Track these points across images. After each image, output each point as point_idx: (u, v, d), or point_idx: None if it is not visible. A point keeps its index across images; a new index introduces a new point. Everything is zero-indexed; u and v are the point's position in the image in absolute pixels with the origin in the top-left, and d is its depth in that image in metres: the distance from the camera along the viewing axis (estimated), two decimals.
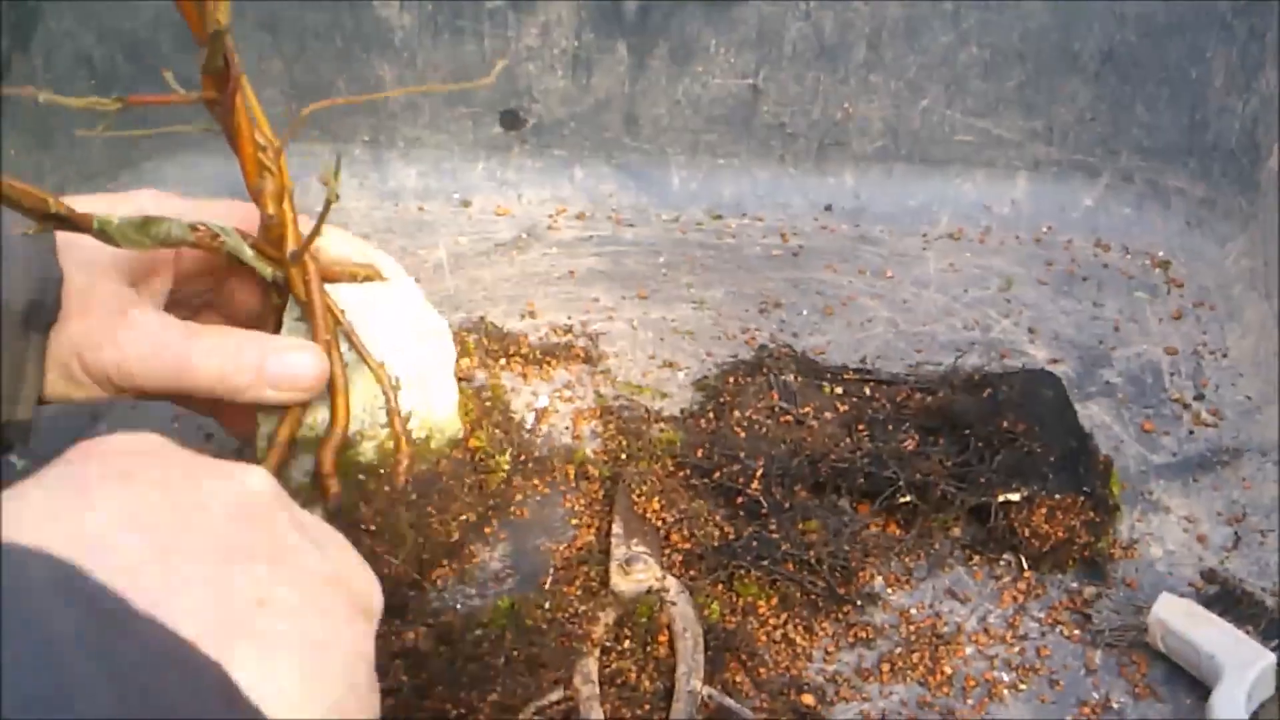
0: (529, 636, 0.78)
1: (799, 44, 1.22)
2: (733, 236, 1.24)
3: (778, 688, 0.79)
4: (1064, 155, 1.25)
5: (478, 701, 0.73)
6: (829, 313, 1.13)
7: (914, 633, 0.84)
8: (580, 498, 0.92)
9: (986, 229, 1.25)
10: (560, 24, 1.21)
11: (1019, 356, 1.08)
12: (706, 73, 1.23)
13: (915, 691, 0.80)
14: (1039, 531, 0.87)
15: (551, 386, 1.03)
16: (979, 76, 1.22)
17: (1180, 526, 0.92)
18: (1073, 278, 1.18)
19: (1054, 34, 1.20)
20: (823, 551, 0.85)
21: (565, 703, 0.75)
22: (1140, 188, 1.24)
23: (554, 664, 0.76)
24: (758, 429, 0.93)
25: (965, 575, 0.88)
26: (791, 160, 1.27)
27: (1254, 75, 1.15)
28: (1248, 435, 1.00)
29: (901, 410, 0.96)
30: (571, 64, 1.23)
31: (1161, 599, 0.83)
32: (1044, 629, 0.85)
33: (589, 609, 0.82)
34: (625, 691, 0.77)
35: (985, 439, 0.90)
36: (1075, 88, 1.22)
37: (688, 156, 1.28)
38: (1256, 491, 0.95)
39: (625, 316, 1.11)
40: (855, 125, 1.25)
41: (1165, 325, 1.12)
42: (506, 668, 0.75)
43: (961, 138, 1.25)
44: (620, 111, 1.25)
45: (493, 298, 1.13)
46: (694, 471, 0.92)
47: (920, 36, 1.21)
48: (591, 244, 1.21)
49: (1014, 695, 0.80)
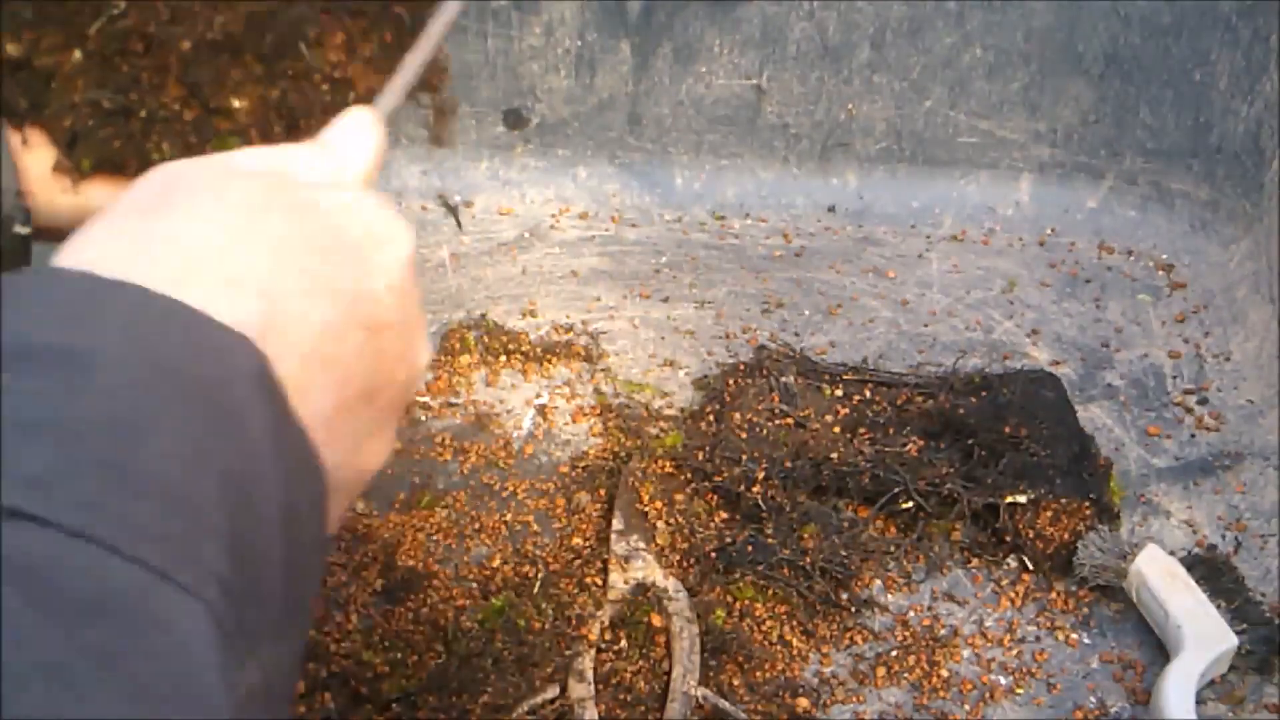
0: (520, 636, 0.78)
1: (803, 44, 1.22)
2: (735, 237, 1.23)
3: (773, 690, 0.79)
4: (1068, 157, 1.25)
5: (469, 702, 0.73)
6: (831, 313, 1.12)
7: (911, 636, 0.84)
8: (579, 494, 0.92)
9: (990, 230, 1.24)
10: (564, 24, 1.21)
11: (1021, 358, 1.07)
12: (710, 73, 1.23)
13: (911, 695, 0.80)
14: (1043, 534, 0.87)
15: (552, 384, 1.03)
16: (983, 78, 1.22)
17: (1181, 530, 0.92)
18: (1076, 280, 1.18)
19: (1058, 35, 1.19)
20: (818, 556, 0.85)
21: (559, 702, 0.75)
22: (1144, 190, 1.24)
23: (545, 663, 0.76)
24: (759, 431, 0.93)
25: (964, 578, 0.88)
26: (795, 161, 1.27)
27: (1258, 78, 1.14)
28: (1250, 439, 1.00)
29: (903, 413, 0.96)
30: (575, 64, 1.23)
31: (1147, 550, 0.83)
32: (1041, 633, 0.85)
33: (585, 608, 0.82)
34: (620, 692, 0.77)
35: (988, 444, 0.90)
36: (1079, 89, 1.22)
37: (691, 156, 1.27)
38: (1258, 496, 0.95)
39: (627, 315, 1.11)
40: (859, 126, 1.25)
41: (1168, 328, 1.12)
42: (496, 668, 0.75)
43: (965, 139, 1.25)
44: (623, 111, 1.25)
45: (495, 296, 1.13)
46: (694, 474, 0.92)
47: (924, 37, 1.21)
48: (594, 243, 1.21)
49: (1010, 699, 0.80)
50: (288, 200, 0.42)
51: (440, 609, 0.82)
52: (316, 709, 0.74)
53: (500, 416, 0.99)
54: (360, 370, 0.42)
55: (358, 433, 0.43)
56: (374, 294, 0.42)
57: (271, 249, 0.40)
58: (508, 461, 0.95)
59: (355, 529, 0.88)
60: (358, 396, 0.42)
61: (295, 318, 0.39)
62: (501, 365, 1.04)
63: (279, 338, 0.38)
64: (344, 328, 0.41)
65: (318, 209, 0.43)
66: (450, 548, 0.88)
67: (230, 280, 0.38)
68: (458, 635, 0.79)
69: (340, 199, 0.44)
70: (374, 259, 0.43)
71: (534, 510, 0.91)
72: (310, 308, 0.40)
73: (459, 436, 0.97)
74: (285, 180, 0.44)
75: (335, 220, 0.43)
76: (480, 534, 0.89)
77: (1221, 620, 0.80)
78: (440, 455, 0.96)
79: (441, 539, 0.89)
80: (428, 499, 0.91)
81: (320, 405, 0.39)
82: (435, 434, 0.97)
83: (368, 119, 0.50)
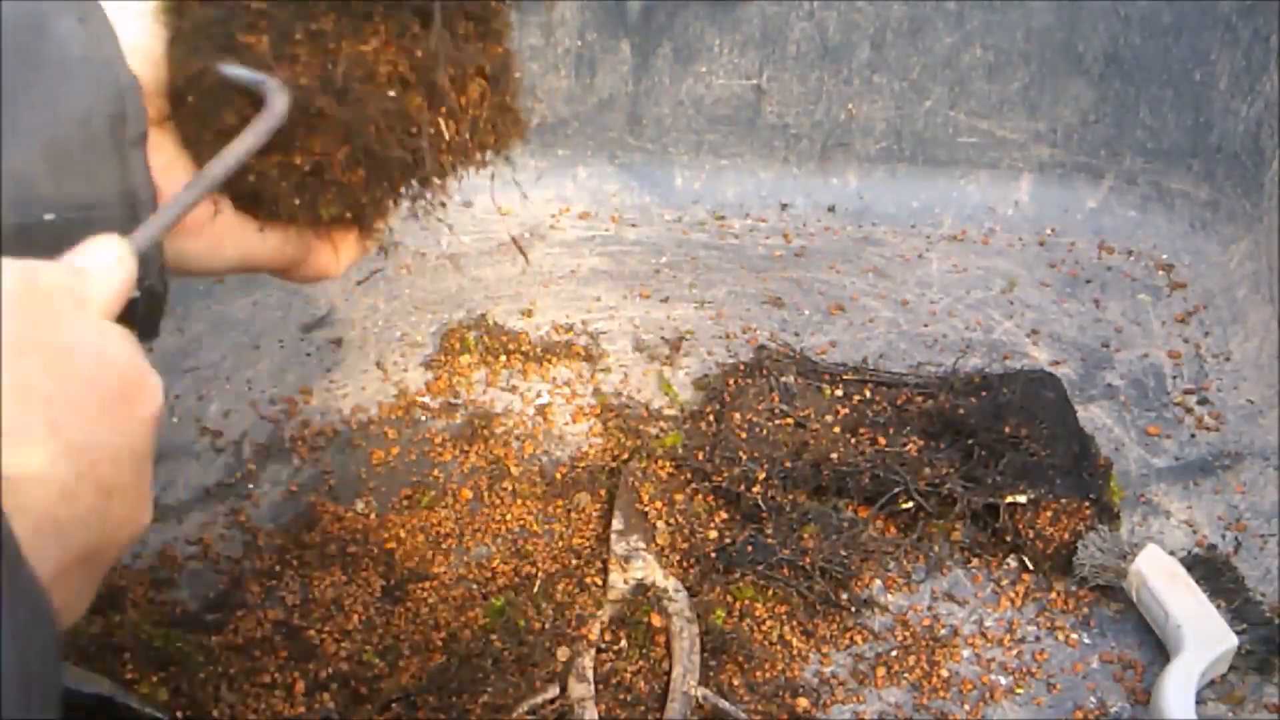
0: (520, 636, 0.78)
1: (802, 44, 1.22)
2: (735, 237, 1.23)
3: (773, 690, 0.79)
4: (1068, 157, 1.25)
5: (469, 702, 0.73)
6: (831, 313, 1.12)
7: (911, 636, 0.84)
8: (579, 495, 0.92)
9: (990, 230, 1.24)
10: (564, 24, 1.21)
11: (1021, 358, 1.07)
12: (710, 73, 1.23)
13: (911, 695, 0.80)
14: (1043, 534, 0.87)
15: (552, 384, 1.03)
16: (983, 77, 1.22)
17: (1181, 530, 0.92)
18: (1076, 280, 1.18)
19: (1058, 35, 1.19)
20: (818, 556, 0.85)
21: (559, 702, 0.75)
22: (1144, 190, 1.24)
23: (545, 663, 0.76)
24: (759, 431, 0.93)
25: (964, 578, 0.88)
26: (795, 161, 1.27)
27: (1258, 78, 1.14)
28: (1250, 439, 1.00)
29: (903, 413, 0.96)
30: (575, 64, 1.23)
31: (1147, 550, 0.83)
32: (1041, 633, 0.85)
33: (585, 608, 0.82)
34: (620, 692, 0.77)
35: (988, 444, 0.90)
36: (1079, 89, 1.22)
37: (691, 156, 1.27)
38: (1258, 496, 0.95)
39: (627, 315, 1.11)
40: (859, 126, 1.25)
41: (1168, 328, 1.12)
42: (496, 668, 0.75)
43: (965, 139, 1.25)
44: (623, 111, 1.25)
45: (494, 296, 1.13)
46: (694, 474, 0.92)
47: (924, 37, 1.21)
48: (594, 243, 1.21)
49: (1010, 699, 0.80)
50: (47, 341, 0.40)
51: (440, 609, 0.82)
52: (316, 709, 0.74)
53: (500, 416, 0.99)
54: (85, 534, 0.40)
55: (72, 593, 0.41)
56: (115, 457, 0.41)
57: (20, 397, 0.38)
58: (507, 461, 0.95)
59: (355, 529, 0.88)
60: (79, 559, 0.40)
61: (34, 477, 0.37)
62: (501, 365, 1.04)
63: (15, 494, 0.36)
64: (79, 490, 0.39)
65: (75, 355, 0.40)
66: (450, 548, 0.88)
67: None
68: (458, 635, 0.79)
69: (100, 345, 0.42)
70: (123, 417, 0.41)
71: (534, 510, 0.91)
72: (50, 468, 0.38)
73: (459, 436, 0.97)
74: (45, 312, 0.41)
75: (91, 370, 0.41)
76: (480, 534, 0.89)
77: (1221, 620, 0.80)
78: (440, 455, 0.96)
79: (441, 539, 0.88)
80: (428, 499, 0.91)
81: (45, 569, 0.38)
82: (435, 434, 0.97)
83: (121, 247, 0.46)
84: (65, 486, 0.38)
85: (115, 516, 0.41)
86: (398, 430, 0.98)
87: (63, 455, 0.38)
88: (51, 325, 0.40)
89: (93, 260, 0.46)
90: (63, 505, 0.38)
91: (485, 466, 0.95)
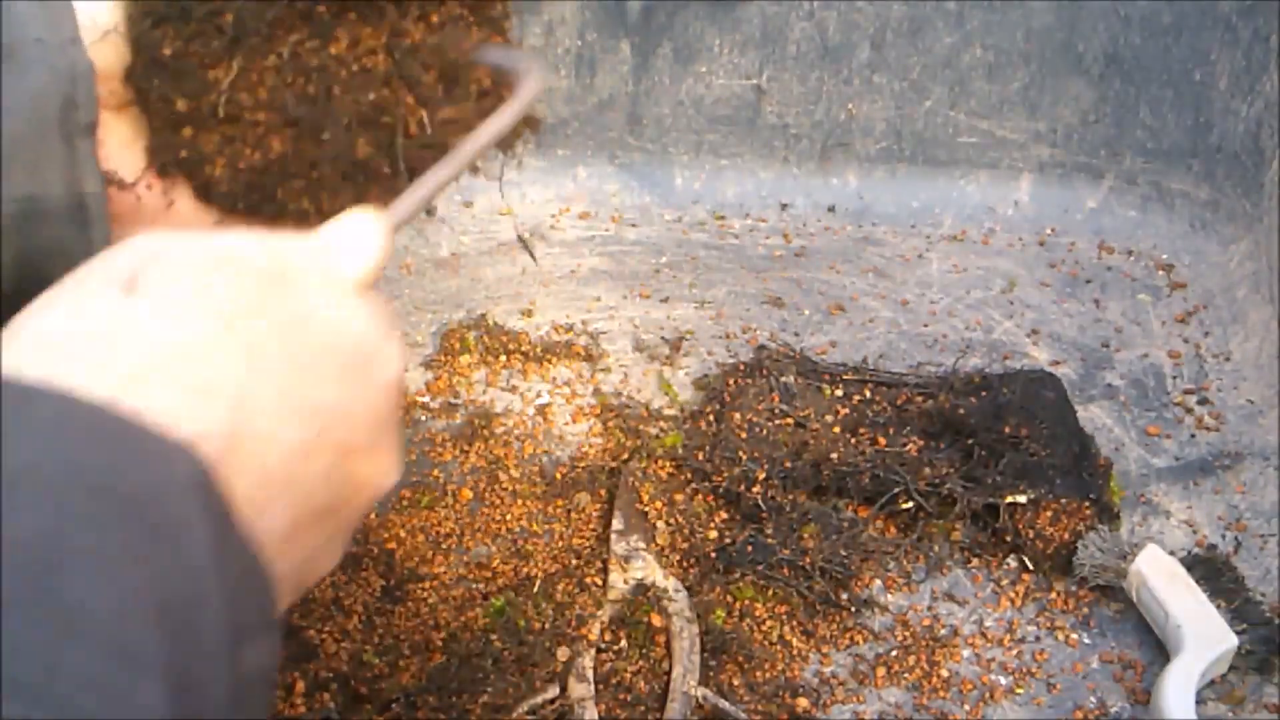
0: (520, 636, 0.78)
1: (803, 44, 1.22)
2: (735, 237, 1.23)
3: (773, 690, 0.79)
4: (1068, 157, 1.25)
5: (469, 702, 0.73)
6: (831, 313, 1.12)
7: (911, 636, 0.84)
8: (579, 495, 0.92)
9: (990, 230, 1.24)
10: (564, 23, 1.21)
11: (1021, 358, 1.07)
12: (710, 73, 1.23)
13: (911, 695, 0.80)
14: (1043, 534, 0.87)
15: (552, 384, 1.03)
16: (983, 77, 1.22)
17: (1181, 530, 0.92)
18: (1076, 280, 1.18)
19: (1058, 35, 1.19)
20: (818, 556, 0.85)
21: (559, 702, 0.75)
22: (1144, 190, 1.24)
23: (545, 663, 0.76)
24: (759, 431, 0.93)
25: (964, 578, 0.88)
26: (795, 161, 1.27)
27: (1258, 78, 1.14)
28: (1250, 439, 1.00)
29: (903, 413, 0.96)
30: (575, 63, 1.23)
31: (1147, 550, 0.83)
32: (1041, 633, 0.85)
33: (585, 608, 0.82)
34: (620, 692, 0.77)
35: (988, 444, 0.90)
36: (1079, 89, 1.22)
37: (691, 156, 1.27)
38: (1258, 496, 0.95)
39: (627, 315, 1.11)
40: (859, 126, 1.25)
41: (1168, 328, 1.12)
42: (496, 668, 0.75)
43: (965, 139, 1.25)
44: (623, 111, 1.25)
45: (494, 296, 1.13)
46: (694, 474, 0.92)
47: (924, 37, 1.21)
48: (594, 243, 1.21)
49: (1010, 699, 0.80)
50: (279, 308, 0.40)
51: (440, 609, 0.82)
52: (316, 709, 0.74)
53: (500, 416, 0.99)
54: (323, 491, 0.41)
55: (311, 548, 0.42)
56: (351, 418, 0.41)
57: (250, 359, 0.38)
58: (507, 461, 0.95)
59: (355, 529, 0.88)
60: (316, 515, 0.41)
61: (263, 436, 0.38)
62: (501, 365, 1.04)
63: (242, 454, 0.37)
64: (313, 449, 0.39)
65: (309, 323, 0.41)
66: (450, 548, 0.88)
67: (197, 388, 0.36)
68: (458, 635, 0.79)
69: (335, 313, 0.42)
70: (359, 382, 0.42)
71: (534, 510, 0.91)
72: (280, 427, 0.38)
73: (459, 436, 0.97)
74: (281, 281, 0.41)
75: (325, 337, 0.41)
76: (480, 534, 0.89)
77: (1221, 620, 0.80)
78: (440, 455, 0.96)
79: (441, 539, 0.88)
80: (428, 499, 0.91)
81: (276, 523, 0.38)
82: (435, 434, 0.97)
83: (375, 223, 0.46)
84: (298, 445, 0.39)
85: (356, 475, 0.42)
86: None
87: (293, 416, 0.39)
88: (289, 296, 0.41)
89: (345, 236, 0.46)
90: (295, 463, 0.39)
91: (485, 466, 0.95)
